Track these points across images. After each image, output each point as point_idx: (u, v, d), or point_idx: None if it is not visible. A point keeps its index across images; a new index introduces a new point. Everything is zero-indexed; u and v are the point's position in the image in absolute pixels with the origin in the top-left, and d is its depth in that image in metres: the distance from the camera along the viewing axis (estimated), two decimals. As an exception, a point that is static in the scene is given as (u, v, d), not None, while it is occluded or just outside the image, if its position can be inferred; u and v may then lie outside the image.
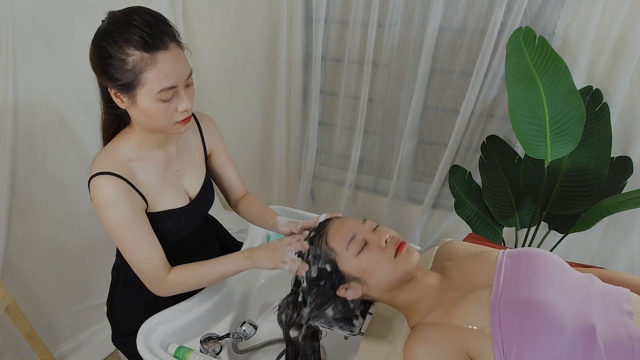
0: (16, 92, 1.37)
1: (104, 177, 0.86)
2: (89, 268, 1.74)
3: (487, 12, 1.52)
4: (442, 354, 0.75)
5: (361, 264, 0.84)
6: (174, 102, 0.84)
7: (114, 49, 0.78)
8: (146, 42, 0.77)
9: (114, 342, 1.17)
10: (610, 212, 1.32)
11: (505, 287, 0.76)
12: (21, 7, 1.33)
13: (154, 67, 0.79)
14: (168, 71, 0.80)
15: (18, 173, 1.44)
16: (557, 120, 1.33)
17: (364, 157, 2.00)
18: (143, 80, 0.79)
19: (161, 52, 0.79)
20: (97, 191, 0.86)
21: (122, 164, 0.90)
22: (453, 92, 1.71)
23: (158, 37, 0.79)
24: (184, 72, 0.83)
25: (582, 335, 0.68)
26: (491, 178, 1.67)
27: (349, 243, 0.85)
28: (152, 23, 0.79)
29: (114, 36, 0.78)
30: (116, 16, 0.80)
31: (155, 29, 0.79)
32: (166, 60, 0.79)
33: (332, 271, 0.87)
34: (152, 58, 0.78)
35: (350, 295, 0.87)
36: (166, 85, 0.80)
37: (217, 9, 1.94)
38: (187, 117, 0.88)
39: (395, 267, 0.83)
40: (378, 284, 0.85)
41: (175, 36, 0.83)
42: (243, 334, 1.02)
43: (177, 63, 0.82)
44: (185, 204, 1.02)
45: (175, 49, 0.82)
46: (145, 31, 0.77)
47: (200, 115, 1.11)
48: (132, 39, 0.77)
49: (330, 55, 1.85)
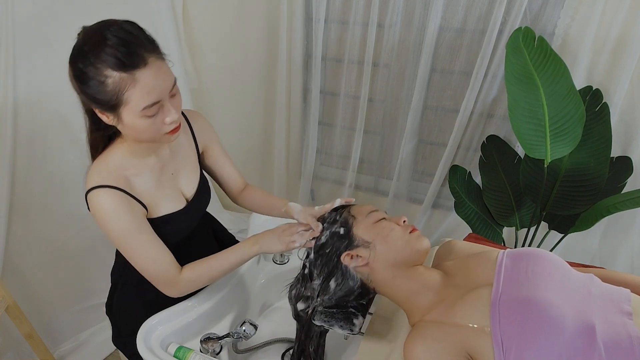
0: (16, 92, 1.37)
1: (101, 191, 0.86)
2: (89, 268, 1.74)
3: (487, 12, 1.52)
4: (442, 352, 0.75)
5: (376, 228, 0.89)
6: (160, 115, 0.82)
7: (91, 71, 0.75)
8: (123, 63, 0.75)
9: (114, 342, 1.17)
10: (610, 212, 1.32)
11: (505, 287, 0.77)
12: (21, 7, 1.33)
13: (135, 86, 0.76)
14: (150, 88, 0.78)
15: (18, 173, 1.44)
16: (556, 120, 1.33)
17: (364, 157, 2.00)
18: (125, 100, 0.77)
19: (140, 70, 0.76)
20: (97, 205, 0.86)
21: (117, 174, 0.89)
22: (453, 92, 1.71)
23: (135, 54, 0.75)
24: (167, 84, 0.81)
25: (582, 335, 0.68)
26: (491, 178, 1.67)
27: (371, 212, 0.92)
28: (126, 40, 0.76)
29: (89, 57, 0.75)
30: (89, 34, 0.77)
31: (131, 46, 0.76)
32: (147, 77, 0.77)
33: (343, 234, 0.90)
34: (131, 77, 0.76)
35: (354, 263, 0.88)
36: (149, 102, 0.78)
37: (217, 9, 1.94)
38: (176, 127, 0.86)
39: (407, 240, 0.87)
40: (387, 252, 0.87)
41: (153, 49, 0.79)
42: (243, 333, 1.02)
43: (159, 77, 0.79)
44: (183, 206, 1.02)
45: (155, 62, 0.78)
46: (120, 51, 0.74)
47: (190, 114, 1.08)
48: (107, 60, 0.74)
49: (330, 55, 1.85)
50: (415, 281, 0.87)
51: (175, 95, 0.84)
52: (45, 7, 1.41)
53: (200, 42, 2.05)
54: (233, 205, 1.25)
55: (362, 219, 0.91)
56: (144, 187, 0.93)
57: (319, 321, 0.95)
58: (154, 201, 0.95)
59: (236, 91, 2.12)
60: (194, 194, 1.05)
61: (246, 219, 2.32)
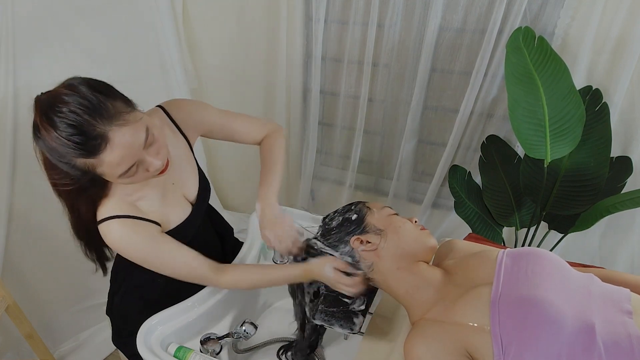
0: (16, 92, 1.37)
1: (111, 222, 0.86)
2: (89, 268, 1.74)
3: (487, 12, 1.52)
4: (442, 351, 0.75)
5: (389, 219, 0.94)
6: (142, 167, 0.79)
7: (57, 155, 0.72)
8: (82, 152, 0.71)
9: (114, 342, 1.17)
10: (610, 212, 1.32)
11: (505, 285, 0.77)
12: (21, 7, 1.33)
13: (103, 165, 0.74)
14: (119, 161, 0.74)
15: (18, 173, 1.44)
16: (556, 120, 1.33)
17: (364, 157, 2.00)
18: (100, 173, 0.76)
19: (103, 151, 0.72)
20: (110, 236, 0.87)
21: (122, 202, 0.88)
22: (453, 92, 1.71)
23: (92, 137, 0.70)
24: (137, 145, 0.75)
25: (582, 334, 0.68)
26: (491, 178, 1.67)
27: (384, 207, 0.98)
28: (78, 125, 0.69)
29: (51, 144, 0.71)
30: (41, 117, 0.71)
31: (86, 131, 0.69)
32: (112, 153, 0.73)
33: (355, 220, 0.94)
34: (97, 160, 0.73)
35: (362, 248, 0.91)
36: (122, 170, 0.76)
37: (217, 9, 1.94)
38: (164, 168, 0.84)
39: (418, 234, 0.92)
40: (397, 242, 0.90)
41: (114, 114, 0.72)
42: (243, 333, 1.02)
43: (125, 146, 0.73)
44: (190, 212, 1.02)
45: (118, 131, 0.72)
46: (73, 140, 0.69)
47: (170, 106, 1.01)
48: (67, 152, 0.71)
49: (330, 55, 1.85)
50: (417, 276, 0.88)
51: (153, 143, 0.79)
52: (45, 7, 1.41)
53: (200, 42, 2.05)
54: (233, 205, 1.25)
55: (376, 211, 0.96)
56: (151, 207, 0.93)
57: (319, 320, 0.95)
58: (164, 217, 0.96)
59: (236, 91, 2.12)
60: (196, 195, 1.05)
61: (246, 219, 2.31)
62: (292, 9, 1.76)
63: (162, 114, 0.99)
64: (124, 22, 1.69)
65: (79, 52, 1.51)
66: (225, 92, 2.15)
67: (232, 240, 1.32)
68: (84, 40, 1.52)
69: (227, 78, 2.10)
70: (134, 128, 0.75)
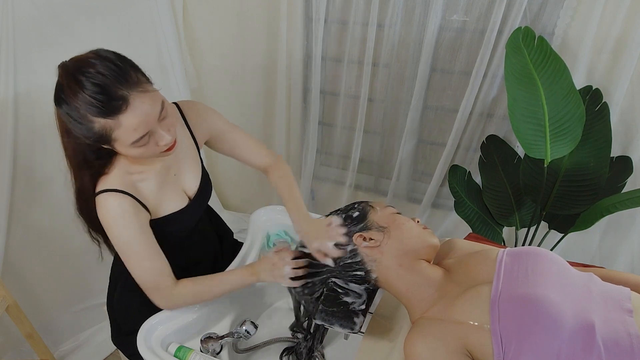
0: (17, 92, 1.37)
1: (110, 195, 0.87)
2: (89, 268, 1.74)
3: (487, 12, 1.52)
4: (442, 349, 0.75)
5: (392, 217, 0.94)
6: (153, 140, 0.82)
7: (77, 116, 0.76)
8: (103, 111, 0.74)
9: (114, 342, 1.17)
10: (610, 211, 1.32)
11: (505, 284, 0.77)
12: (21, 7, 1.33)
13: (120, 127, 0.77)
14: (135, 125, 0.77)
15: (18, 173, 1.44)
16: (556, 120, 1.33)
17: (364, 157, 2.00)
18: (114, 137, 0.79)
19: (123, 113, 0.76)
20: (104, 209, 0.87)
21: (125, 178, 0.90)
22: (453, 92, 1.71)
23: (114, 99, 0.74)
24: (154, 114, 0.80)
25: (581, 332, 0.68)
26: (491, 178, 1.67)
27: (388, 206, 0.98)
28: (103, 85, 0.74)
29: (71, 104, 0.75)
30: (66, 78, 0.76)
31: (109, 91, 0.74)
32: (130, 118, 0.76)
33: (358, 217, 0.95)
34: (115, 121, 0.76)
35: (365, 244, 0.91)
36: (137, 137, 0.79)
37: (217, 9, 1.94)
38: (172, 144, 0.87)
39: (421, 232, 0.92)
40: (400, 239, 0.90)
41: (135, 82, 0.77)
42: (243, 333, 1.02)
43: (143, 112, 0.77)
44: (185, 205, 1.02)
45: (138, 97, 0.77)
46: (97, 99, 0.74)
47: (185, 105, 1.05)
48: (89, 110, 0.74)
49: (330, 55, 1.85)
50: (418, 273, 0.89)
51: (166, 117, 0.83)
52: (46, 8, 1.41)
53: (200, 42, 2.05)
54: (233, 205, 1.25)
55: (379, 209, 0.97)
56: (148, 191, 0.94)
57: (319, 320, 0.95)
58: (157, 203, 0.96)
59: (236, 91, 2.12)
60: (196, 191, 1.06)
61: (246, 219, 2.32)
62: (292, 9, 1.76)
63: (176, 110, 1.02)
64: (124, 22, 1.69)
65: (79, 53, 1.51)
66: (226, 92, 2.15)
67: (231, 242, 1.33)
68: (84, 40, 1.52)
69: (227, 78, 2.10)
70: (152, 98, 0.79)
